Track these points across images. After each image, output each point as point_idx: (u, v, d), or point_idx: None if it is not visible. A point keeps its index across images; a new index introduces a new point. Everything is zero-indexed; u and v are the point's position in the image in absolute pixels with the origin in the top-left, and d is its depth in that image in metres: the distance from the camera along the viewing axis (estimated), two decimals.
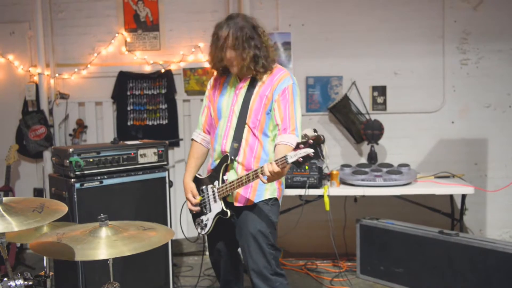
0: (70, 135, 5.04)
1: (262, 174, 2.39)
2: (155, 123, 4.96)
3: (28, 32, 5.06)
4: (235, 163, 2.70)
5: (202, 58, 4.84)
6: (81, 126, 5.03)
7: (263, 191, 2.71)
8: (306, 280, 4.26)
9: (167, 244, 3.81)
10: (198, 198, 2.82)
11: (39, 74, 4.98)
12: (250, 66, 2.62)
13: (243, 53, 2.59)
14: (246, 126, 2.67)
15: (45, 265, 2.47)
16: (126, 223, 2.30)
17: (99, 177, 3.45)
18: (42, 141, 5.02)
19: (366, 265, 4.19)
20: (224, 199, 2.73)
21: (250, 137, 2.68)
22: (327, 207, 3.95)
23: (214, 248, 2.95)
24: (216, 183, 2.73)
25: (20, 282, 1.68)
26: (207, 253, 4.83)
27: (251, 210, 2.69)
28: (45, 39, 4.99)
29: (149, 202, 3.70)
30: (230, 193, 2.69)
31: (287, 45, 4.82)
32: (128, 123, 4.97)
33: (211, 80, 2.93)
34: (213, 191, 2.75)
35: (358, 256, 4.24)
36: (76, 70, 5.02)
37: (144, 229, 2.23)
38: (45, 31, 4.99)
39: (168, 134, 4.84)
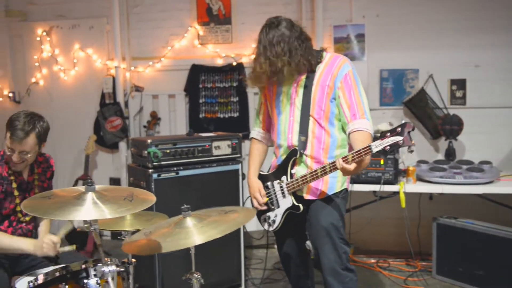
0: (144, 126, 5.17)
1: (344, 163, 2.33)
2: (226, 115, 4.99)
3: (106, 27, 5.23)
4: (304, 156, 2.66)
5: None
6: (154, 118, 5.15)
7: (335, 182, 2.67)
8: (378, 278, 4.16)
9: (239, 236, 3.83)
10: (265, 199, 2.78)
11: (115, 67, 5.14)
12: (302, 65, 2.57)
13: (288, 59, 2.53)
14: (310, 118, 2.62)
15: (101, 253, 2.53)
16: (206, 210, 2.31)
17: (175, 168, 3.51)
18: (118, 132, 5.18)
19: (443, 265, 4.02)
20: (293, 193, 2.69)
21: (316, 128, 2.63)
22: (403, 204, 3.83)
23: (283, 244, 2.93)
24: (283, 178, 2.70)
25: (113, 268, 1.72)
26: (275, 246, 4.88)
27: (323, 202, 2.65)
28: (122, 33, 5.14)
29: (222, 194, 3.72)
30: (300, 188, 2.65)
31: (360, 37, 4.70)
32: (200, 116, 5.03)
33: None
34: (281, 186, 2.71)
35: (434, 256, 4.08)
36: (150, 63, 5.14)
37: (226, 213, 2.24)
38: (122, 25, 5.14)
39: (239, 127, 4.85)
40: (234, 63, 4.93)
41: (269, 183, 2.79)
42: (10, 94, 5.51)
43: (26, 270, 2.70)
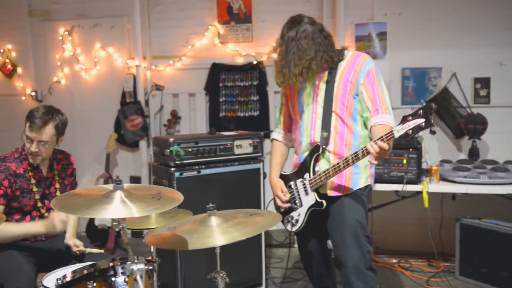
0: (164, 125, 5.19)
1: (365, 154, 2.35)
2: (247, 114, 4.99)
3: (127, 26, 5.26)
4: (326, 152, 2.65)
5: None
6: (175, 117, 5.16)
7: (358, 178, 2.66)
8: (400, 279, 4.12)
9: (260, 235, 3.82)
10: (288, 196, 2.79)
11: (136, 66, 5.17)
12: (325, 62, 2.58)
13: (313, 55, 2.54)
14: (333, 114, 2.62)
15: (152, 250, 2.55)
16: (231, 211, 2.31)
17: (197, 167, 3.51)
18: (138, 131, 5.21)
19: (466, 266, 3.97)
20: (316, 190, 2.67)
21: (339, 124, 2.62)
22: (426, 204, 3.78)
23: (305, 243, 2.92)
24: (306, 175, 2.70)
25: (141, 266, 1.72)
26: (295, 245, 4.86)
27: (348, 198, 2.64)
28: (143, 32, 5.17)
29: (243, 193, 3.71)
30: (323, 184, 2.63)
31: (382, 35, 4.66)
32: (220, 114, 5.04)
33: None
34: (304, 184, 2.71)
35: (457, 256, 4.03)
36: (171, 62, 5.16)
37: (251, 215, 2.23)
38: (143, 24, 5.17)
39: (259, 126, 4.84)
40: (255, 62, 4.93)
41: (291, 183, 2.79)
42: (33, 93, 5.58)
43: (51, 267, 2.73)
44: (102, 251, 2.73)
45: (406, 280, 4.09)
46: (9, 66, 5.64)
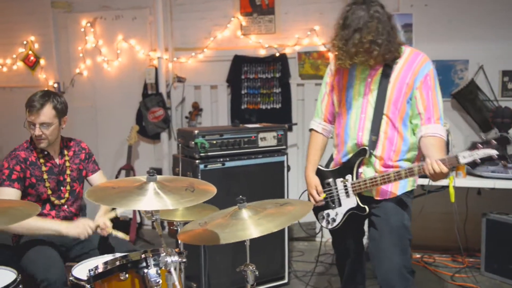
0: (186, 117, 5.19)
1: (421, 172, 2.27)
2: (269, 107, 4.95)
3: (149, 18, 5.26)
4: (373, 157, 2.52)
5: (317, 42, 4.75)
6: (196, 109, 5.15)
7: (406, 182, 2.55)
8: (424, 274, 4.07)
9: (283, 229, 3.80)
10: (322, 196, 2.69)
11: (158, 58, 5.17)
12: (385, 54, 2.37)
13: (379, 40, 2.32)
14: (384, 117, 2.47)
15: (179, 242, 2.54)
16: (260, 202, 2.28)
17: (221, 159, 3.50)
18: (160, 123, 5.21)
19: (492, 262, 3.91)
20: (358, 194, 2.57)
21: (389, 129, 2.48)
22: (453, 199, 3.65)
23: (341, 240, 2.84)
24: (348, 177, 2.59)
25: (175, 258, 1.71)
26: (317, 239, 4.83)
27: (393, 202, 2.53)
28: (165, 24, 5.16)
29: (267, 186, 3.69)
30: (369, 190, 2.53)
31: (408, 27, 4.57)
32: (242, 107, 5.01)
33: (331, 67, 2.69)
34: (345, 186, 2.61)
35: (483, 252, 3.97)
36: (193, 54, 5.14)
37: (281, 205, 2.21)
38: (165, 16, 5.15)
39: (281, 119, 4.81)
40: (277, 54, 4.88)
41: (330, 180, 2.69)
42: (55, 85, 5.61)
43: (77, 257, 2.75)
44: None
45: (429, 275, 4.04)
46: (32, 58, 5.69)
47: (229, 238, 1.90)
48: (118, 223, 5.03)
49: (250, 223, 1.99)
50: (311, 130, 2.84)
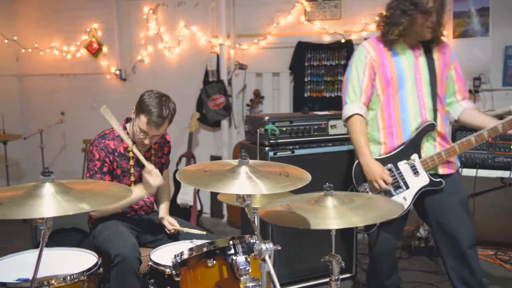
0: (247, 105, 5.12)
1: (491, 135, 2.51)
2: (333, 95, 4.82)
3: (211, 4, 5.20)
4: (434, 133, 2.63)
5: None
6: (258, 97, 5.08)
7: (457, 157, 2.71)
8: (498, 271, 3.86)
9: None
10: (390, 181, 2.65)
11: (220, 44, 5.11)
12: (440, 31, 2.59)
13: (442, 18, 2.56)
14: (437, 94, 2.62)
15: (255, 230, 2.46)
16: (347, 193, 2.17)
17: (291, 147, 3.41)
18: (221, 111, 5.17)
19: None
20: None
21: (441, 105, 2.65)
22: None
23: (385, 236, 2.78)
24: (414, 156, 2.61)
25: (270, 245, 1.63)
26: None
27: (456, 175, 2.68)
28: (227, 10, 5.09)
29: (336, 176, 3.54)
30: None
31: (484, 11, 4.32)
32: (305, 95, 4.90)
33: (369, 49, 2.68)
34: (412, 165, 2.62)
35: None
36: (255, 40, 5.06)
37: (368, 199, 2.09)
38: (227, 2, 5.09)
39: None
40: (343, 40, 4.73)
41: (389, 165, 2.66)
42: (117, 72, 5.67)
43: (148, 242, 2.73)
44: (204, 232, 2.65)
45: (505, 273, 3.83)
46: (95, 45, 5.76)
47: (312, 224, 1.78)
48: (178, 210, 5.04)
49: (334, 213, 1.86)
50: (352, 115, 2.72)
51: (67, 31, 5.89)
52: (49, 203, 1.56)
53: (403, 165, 2.63)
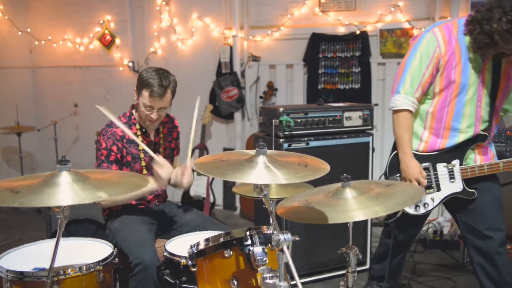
0: (260, 97, 5.09)
1: None
2: (347, 87, 4.77)
3: None
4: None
5: (401, 18, 4.50)
6: (271, 89, 5.05)
7: (495, 151, 2.70)
8: None
9: None
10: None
11: (233, 36, 5.08)
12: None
13: None
14: (495, 107, 2.53)
15: (271, 221, 2.44)
16: (365, 181, 2.13)
17: (305, 138, 3.38)
18: (234, 103, 5.14)
19: None
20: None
21: (495, 118, 2.58)
22: None
23: (410, 231, 2.82)
24: (456, 162, 2.58)
25: (288, 236, 1.61)
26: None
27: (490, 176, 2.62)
28: (240, 2, 5.06)
29: (351, 168, 3.45)
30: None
31: None
32: (319, 87, 4.86)
33: (440, 41, 2.44)
34: (450, 170, 2.59)
35: None
36: (268, 32, 5.02)
37: (387, 186, 2.04)
38: None
39: (360, 99, 4.60)
40: (358, 32, 4.68)
41: (427, 164, 2.62)
42: (130, 64, 5.66)
43: (161, 234, 2.71)
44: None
45: None
46: (108, 37, 5.75)
47: (333, 218, 1.76)
48: (191, 202, 5.04)
49: (355, 204, 1.82)
50: (402, 110, 2.58)
51: (80, 23, 5.88)
52: (66, 192, 1.54)
53: (441, 168, 2.60)
